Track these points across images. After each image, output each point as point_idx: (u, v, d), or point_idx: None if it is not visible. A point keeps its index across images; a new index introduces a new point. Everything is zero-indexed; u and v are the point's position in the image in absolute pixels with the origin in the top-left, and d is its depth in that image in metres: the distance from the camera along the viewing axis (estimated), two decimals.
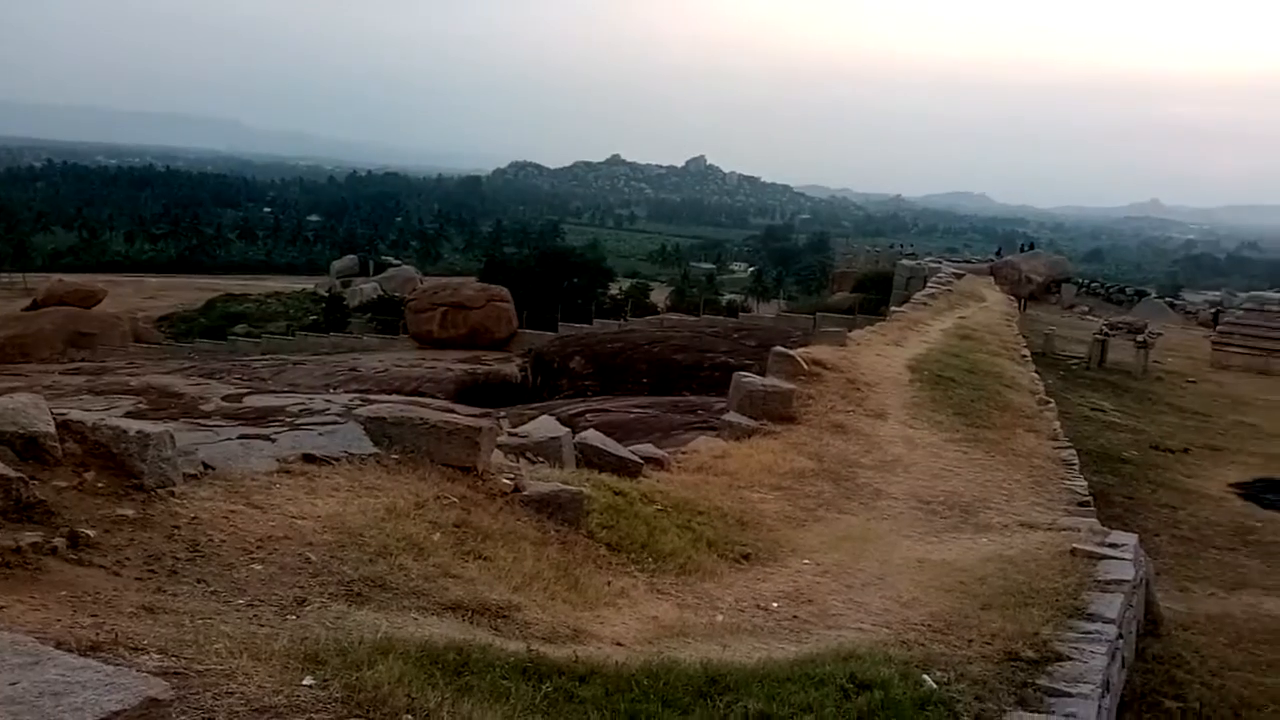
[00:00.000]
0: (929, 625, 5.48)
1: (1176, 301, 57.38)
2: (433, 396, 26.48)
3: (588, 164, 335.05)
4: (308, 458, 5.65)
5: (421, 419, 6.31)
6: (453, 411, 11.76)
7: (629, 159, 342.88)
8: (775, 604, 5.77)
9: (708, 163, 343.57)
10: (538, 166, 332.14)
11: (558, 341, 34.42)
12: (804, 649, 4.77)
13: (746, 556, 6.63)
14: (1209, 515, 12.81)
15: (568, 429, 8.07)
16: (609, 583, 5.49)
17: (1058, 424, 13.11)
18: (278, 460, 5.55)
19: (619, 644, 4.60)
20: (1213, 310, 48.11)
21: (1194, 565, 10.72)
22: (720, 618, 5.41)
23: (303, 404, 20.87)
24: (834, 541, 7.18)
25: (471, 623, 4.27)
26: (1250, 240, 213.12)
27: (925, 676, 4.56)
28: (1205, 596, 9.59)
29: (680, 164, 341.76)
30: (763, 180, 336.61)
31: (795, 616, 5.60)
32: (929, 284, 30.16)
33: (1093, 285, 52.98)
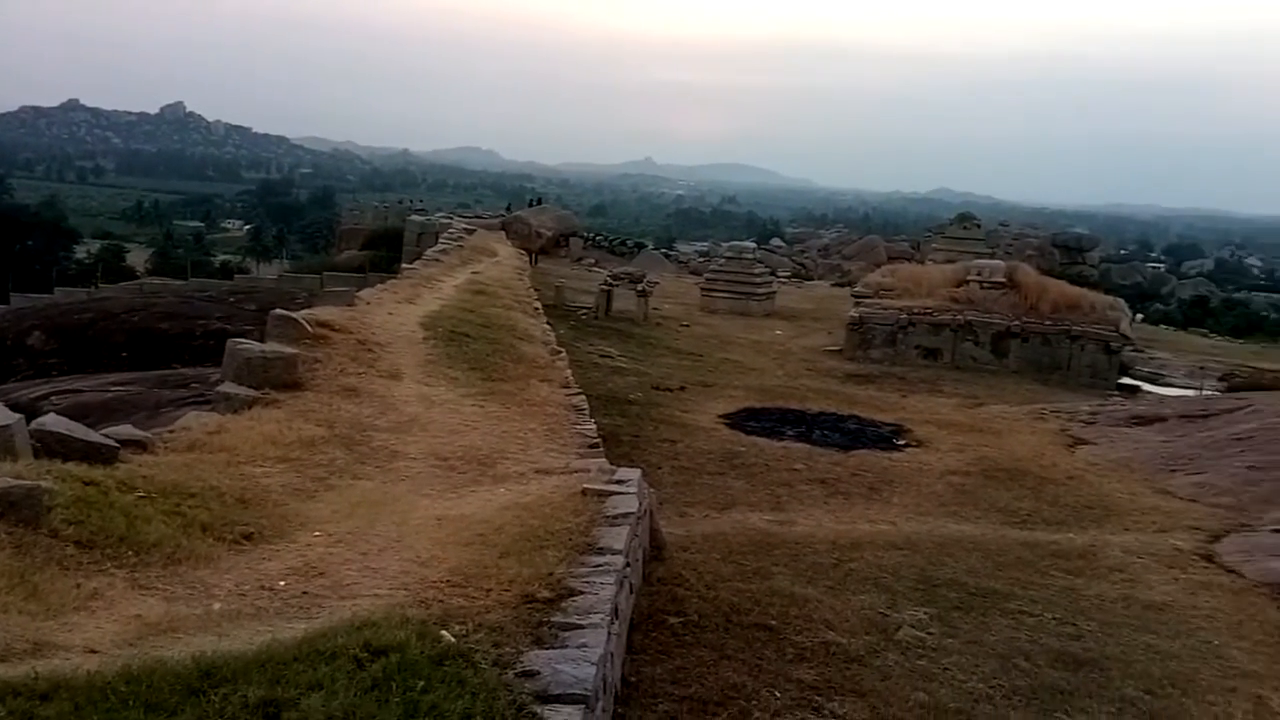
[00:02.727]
0: (448, 581, 5.60)
1: (671, 252, 64.14)
2: None
3: (38, 109, 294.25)
4: None
5: None
6: None
7: (90, 104, 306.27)
8: (282, 582, 5.55)
9: (188, 110, 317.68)
10: None
11: (11, 315, 29.98)
12: (315, 625, 4.64)
13: (249, 536, 6.29)
14: (702, 445, 14.53)
15: (21, 415, 7.06)
16: (79, 585, 4.91)
17: (569, 372, 13.98)
18: None
19: (93, 651, 4.14)
20: (701, 259, 54.39)
21: (691, 491, 12.12)
22: (218, 606, 5.08)
23: None
24: (348, 509, 7.07)
25: None
26: (730, 196, 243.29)
27: (444, 632, 4.66)
28: (702, 518, 10.89)
29: (155, 110, 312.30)
30: (255, 131, 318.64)
31: (305, 592, 5.43)
32: (441, 240, 30.64)
33: (597, 239, 57.31)
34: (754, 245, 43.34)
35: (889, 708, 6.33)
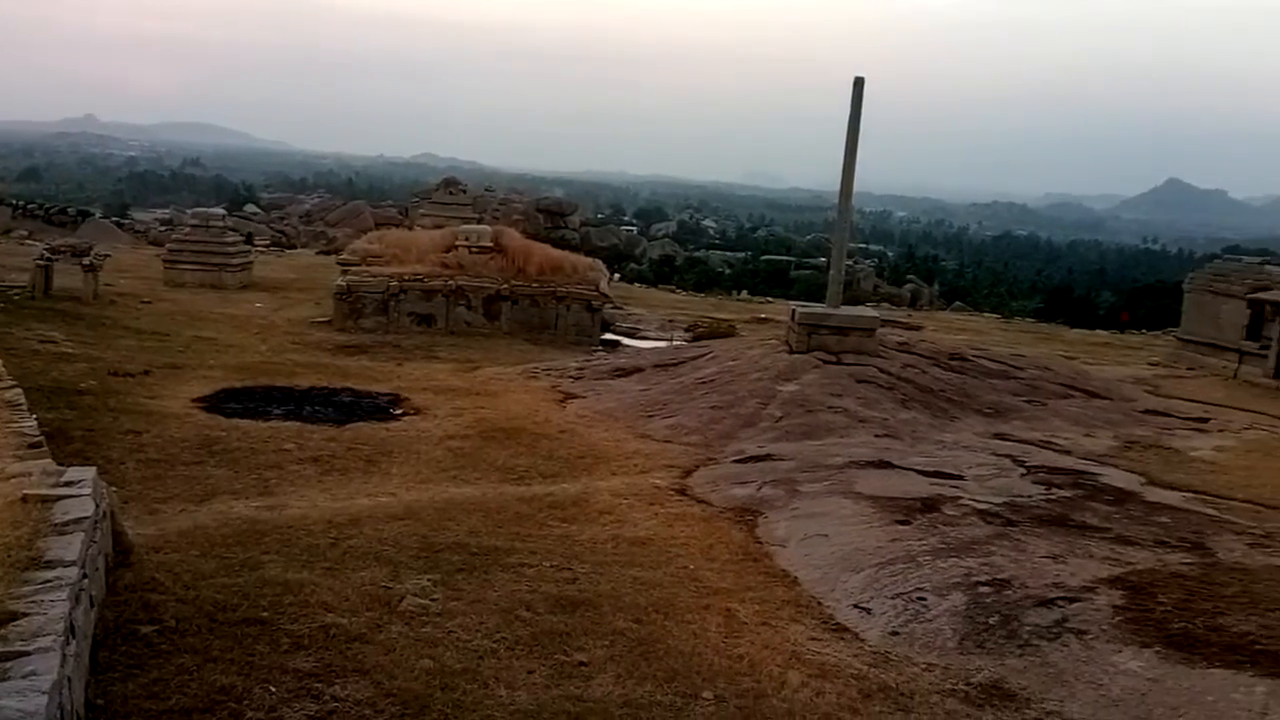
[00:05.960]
0: None
1: (125, 221, 58.75)
2: None
3: None
4: None
5: None
6: None
7: None
8: None
9: None
10: None
11: None
12: None
13: None
14: (174, 433, 13.49)
15: None
16: None
17: (0, 362, 12.36)
18: None
19: None
20: (163, 228, 50.48)
21: (163, 485, 11.22)
22: None
23: None
24: None
25: None
26: (193, 158, 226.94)
27: None
28: (177, 514, 10.13)
29: None
30: None
31: None
32: None
33: (30, 207, 51.18)
34: (224, 212, 40.75)
35: (394, 680, 6.37)
